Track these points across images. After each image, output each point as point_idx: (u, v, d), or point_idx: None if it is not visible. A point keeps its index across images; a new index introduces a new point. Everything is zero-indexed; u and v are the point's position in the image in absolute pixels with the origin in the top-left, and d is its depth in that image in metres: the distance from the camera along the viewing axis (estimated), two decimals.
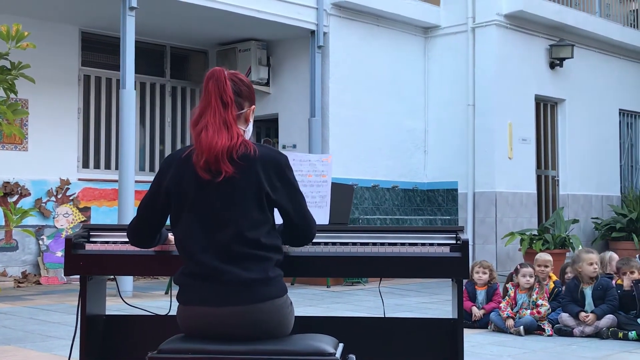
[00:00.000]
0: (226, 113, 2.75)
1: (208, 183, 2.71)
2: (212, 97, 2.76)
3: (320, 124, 10.73)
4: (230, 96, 2.77)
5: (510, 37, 11.72)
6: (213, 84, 2.77)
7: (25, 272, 9.67)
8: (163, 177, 2.81)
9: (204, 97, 2.79)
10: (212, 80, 2.78)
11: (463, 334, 3.19)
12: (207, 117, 2.74)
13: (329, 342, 2.70)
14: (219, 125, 2.72)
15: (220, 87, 2.77)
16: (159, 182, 2.82)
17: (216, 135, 2.70)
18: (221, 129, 2.72)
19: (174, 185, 2.76)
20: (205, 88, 2.79)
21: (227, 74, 2.81)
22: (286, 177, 2.79)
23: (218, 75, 2.79)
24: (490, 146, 11.43)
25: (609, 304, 6.22)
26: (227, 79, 2.79)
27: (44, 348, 5.37)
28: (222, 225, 2.70)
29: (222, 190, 2.71)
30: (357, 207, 11.03)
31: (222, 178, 2.69)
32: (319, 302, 8.05)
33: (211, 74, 2.80)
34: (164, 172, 2.81)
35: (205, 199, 2.72)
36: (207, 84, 2.78)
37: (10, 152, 9.70)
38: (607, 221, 12.68)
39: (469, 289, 6.81)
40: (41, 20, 9.82)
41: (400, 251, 3.09)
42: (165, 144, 11.52)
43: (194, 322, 2.69)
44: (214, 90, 2.76)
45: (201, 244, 2.70)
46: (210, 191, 2.71)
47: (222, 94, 2.76)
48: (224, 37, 11.29)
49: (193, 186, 2.72)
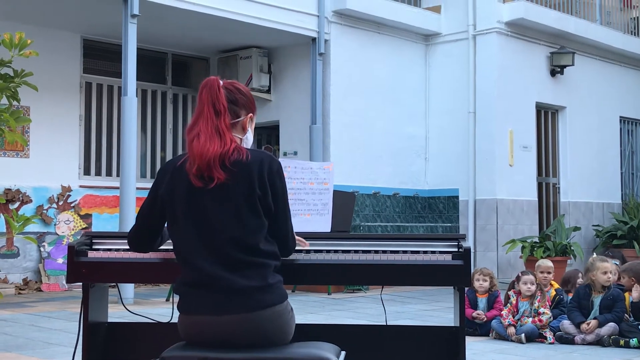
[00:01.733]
0: (219, 121, 2.77)
1: (201, 190, 2.72)
2: (205, 106, 2.79)
3: (321, 131, 10.74)
4: (223, 104, 2.79)
5: (511, 45, 11.74)
6: (206, 93, 2.80)
7: (27, 279, 9.67)
8: (159, 184, 2.84)
9: (198, 106, 2.82)
10: (206, 89, 2.81)
11: (465, 342, 3.19)
12: (200, 125, 2.77)
13: (330, 350, 2.70)
14: (211, 132, 2.74)
15: (213, 95, 2.79)
16: (156, 190, 2.85)
17: (208, 142, 2.72)
18: (213, 136, 2.74)
19: (168, 193, 2.79)
20: (199, 97, 2.82)
21: (221, 83, 2.84)
22: (275, 182, 2.79)
23: (211, 84, 2.82)
24: (491, 153, 11.44)
25: (614, 314, 6.20)
26: (221, 87, 2.82)
27: (46, 355, 5.37)
28: (218, 231, 2.70)
29: (215, 196, 2.72)
30: (358, 214, 11.03)
31: (214, 185, 2.70)
32: (320, 310, 8.04)
33: (205, 83, 2.83)
34: (161, 180, 2.84)
35: (199, 206, 2.73)
36: (201, 92, 2.82)
37: (12, 159, 9.71)
38: (608, 228, 12.67)
39: (470, 297, 6.81)
40: (43, 27, 9.84)
41: (402, 259, 3.09)
42: (166, 151, 11.53)
43: (195, 331, 2.70)
44: (207, 99, 2.79)
45: (198, 251, 2.71)
46: (204, 198, 2.72)
47: (214, 102, 2.78)
48: (225, 44, 11.32)
49: (186, 193, 2.74)
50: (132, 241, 2.97)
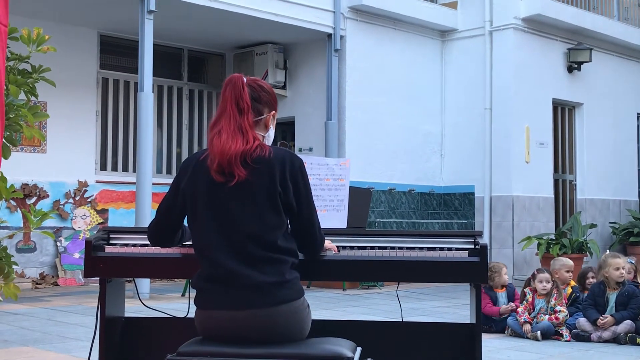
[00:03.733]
0: (242, 119, 2.76)
1: (222, 186, 2.72)
2: (228, 104, 2.78)
3: (337, 127, 10.73)
4: (247, 102, 2.78)
5: (527, 41, 11.68)
6: (230, 90, 2.80)
7: (43, 273, 9.73)
8: (181, 178, 2.83)
9: (221, 103, 2.81)
10: (230, 87, 2.80)
11: (481, 339, 3.18)
12: (222, 122, 2.77)
13: (346, 346, 2.70)
14: (233, 130, 2.74)
15: (237, 93, 2.78)
16: (177, 184, 2.85)
17: (230, 139, 2.72)
18: (236, 134, 2.73)
19: (190, 186, 2.78)
20: (222, 94, 2.82)
21: (245, 80, 2.82)
22: (298, 179, 2.78)
23: (235, 81, 2.81)
24: (507, 150, 11.39)
25: (630, 311, 6.17)
26: (245, 85, 2.81)
27: (62, 349, 5.40)
28: (237, 227, 2.70)
29: (236, 193, 2.71)
30: (373, 210, 11.01)
31: (235, 182, 2.70)
32: (335, 306, 8.04)
33: (229, 80, 2.82)
34: (183, 174, 2.84)
35: (220, 202, 2.73)
36: (225, 90, 2.81)
37: (29, 155, 9.77)
38: (624, 226, 12.60)
39: (490, 294, 6.77)
40: (60, 23, 9.89)
41: (418, 255, 3.08)
42: (182, 146, 11.57)
43: (211, 326, 2.70)
44: (231, 97, 2.79)
45: (217, 246, 2.71)
46: (225, 194, 2.72)
47: (238, 100, 2.78)
48: (241, 40, 11.32)
49: (207, 188, 2.74)
50: (152, 235, 2.96)
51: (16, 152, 8.45)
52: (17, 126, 3.56)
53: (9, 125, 3.51)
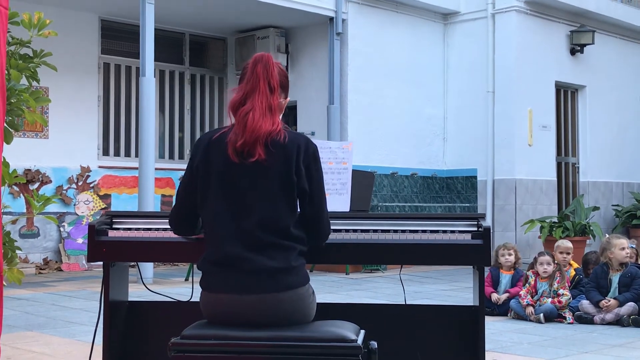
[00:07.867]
0: (272, 98, 2.72)
1: (237, 166, 2.68)
2: (261, 81, 2.72)
3: (339, 111, 10.71)
4: (277, 81, 2.74)
5: (530, 23, 11.63)
6: (262, 67, 2.73)
7: (47, 258, 9.75)
8: (194, 158, 2.78)
9: (251, 80, 2.73)
10: (261, 64, 2.74)
11: (484, 322, 3.19)
12: (255, 99, 2.70)
13: (350, 329, 2.71)
14: (265, 109, 2.69)
15: (269, 71, 2.73)
16: (191, 165, 2.79)
17: (262, 119, 2.67)
18: (266, 114, 2.69)
19: (202, 164, 2.73)
20: (251, 70, 2.74)
21: (274, 61, 2.78)
22: (310, 165, 2.75)
23: (267, 59, 2.75)
24: (510, 133, 11.37)
25: (633, 292, 6.18)
26: (275, 65, 2.77)
27: (66, 334, 5.42)
28: (249, 211, 2.67)
29: (250, 176, 2.67)
30: (376, 194, 11.01)
31: (252, 163, 2.66)
32: (338, 289, 8.06)
33: (260, 57, 2.76)
34: (194, 154, 2.78)
35: (233, 184, 2.69)
36: (255, 66, 2.74)
37: (32, 140, 9.77)
38: (627, 208, 12.60)
39: (494, 273, 6.79)
40: (61, 8, 9.86)
41: (421, 238, 3.07)
42: (184, 131, 11.56)
43: (217, 309, 2.69)
44: (263, 74, 2.72)
45: (227, 229, 2.68)
46: (239, 175, 2.68)
47: (269, 78, 2.73)
48: (243, 24, 11.29)
49: (221, 167, 2.69)
50: (173, 223, 2.91)
51: (18, 138, 8.45)
52: (19, 111, 3.56)
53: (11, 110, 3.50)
